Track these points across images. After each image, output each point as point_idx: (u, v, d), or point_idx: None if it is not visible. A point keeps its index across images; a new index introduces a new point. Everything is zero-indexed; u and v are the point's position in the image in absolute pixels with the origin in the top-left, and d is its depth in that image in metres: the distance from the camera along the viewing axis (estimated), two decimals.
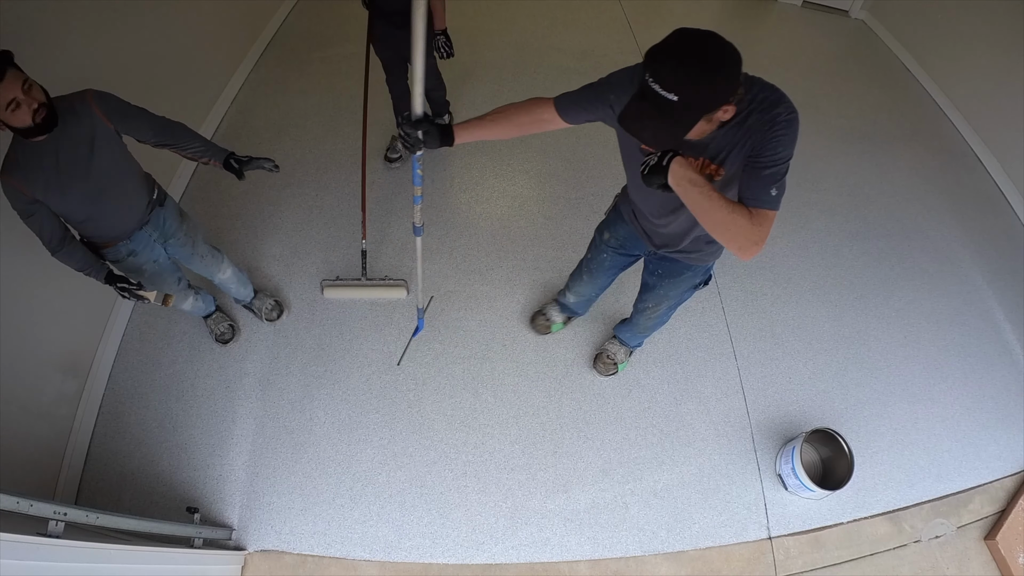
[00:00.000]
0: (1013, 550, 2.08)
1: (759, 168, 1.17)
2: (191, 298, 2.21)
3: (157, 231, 1.89)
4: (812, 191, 3.19)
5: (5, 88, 1.37)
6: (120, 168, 1.71)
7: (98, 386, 2.36)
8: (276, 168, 1.91)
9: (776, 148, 1.16)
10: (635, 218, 1.74)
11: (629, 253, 1.90)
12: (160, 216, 1.88)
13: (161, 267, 1.97)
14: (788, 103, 1.18)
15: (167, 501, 2.13)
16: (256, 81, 3.51)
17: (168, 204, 1.93)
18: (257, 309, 2.52)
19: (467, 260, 2.79)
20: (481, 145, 3.25)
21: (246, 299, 2.48)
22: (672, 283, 1.83)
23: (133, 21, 2.55)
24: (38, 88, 1.45)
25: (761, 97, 1.17)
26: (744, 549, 2.11)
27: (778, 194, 1.19)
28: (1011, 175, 3.31)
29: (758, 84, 1.20)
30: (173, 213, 1.94)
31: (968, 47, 3.63)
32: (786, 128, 1.16)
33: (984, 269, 2.93)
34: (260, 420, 2.32)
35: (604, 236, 1.92)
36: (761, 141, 1.17)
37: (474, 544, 2.09)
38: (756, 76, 1.21)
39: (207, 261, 2.12)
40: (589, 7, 4.31)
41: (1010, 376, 2.54)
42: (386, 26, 2.49)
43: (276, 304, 2.55)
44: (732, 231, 1.18)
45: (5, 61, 1.39)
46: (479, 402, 2.38)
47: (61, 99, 1.54)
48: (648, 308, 2.01)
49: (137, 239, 1.83)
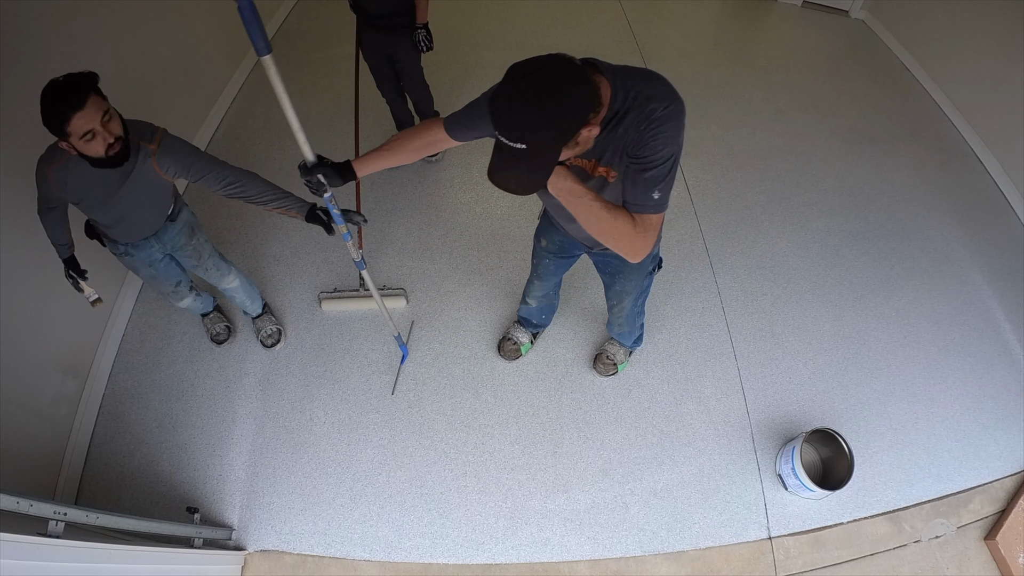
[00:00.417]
0: (1013, 550, 2.07)
1: (639, 171, 1.10)
2: (187, 299, 2.20)
3: (159, 243, 1.88)
4: (812, 191, 3.19)
5: (84, 117, 1.30)
6: (149, 199, 1.69)
7: (98, 386, 2.36)
8: (366, 221, 1.78)
9: (655, 148, 1.08)
10: (561, 223, 1.69)
11: (569, 255, 1.90)
12: (168, 231, 1.86)
13: (157, 271, 1.96)
14: (665, 94, 1.09)
15: (167, 501, 2.13)
16: (256, 81, 3.51)
17: (180, 219, 1.88)
18: (258, 329, 2.47)
19: (467, 260, 2.79)
20: (481, 145, 3.23)
21: (253, 313, 2.44)
22: (624, 278, 1.82)
23: (133, 21, 2.55)
24: (117, 120, 1.38)
25: (635, 92, 1.09)
26: (744, 549, 2.11)
27: (662, 196, 1.11)
28: (1011, 175, 3.31)
29: (633, 76, 1.11)
30: (184, 229, 1.91)
31: (968, 47, 3.63)
32: (662, 124, 1.07)
33: (984, 269, 2.93)
34: (260, 420, 2.32)
35: (542, 243, 1.90)
36: (638, 141, 1.09)
37: (474, 544, 2.09)
38: (630, 67, 1.13)
39: (211, 273, 2.10)
40: (589, 7, 4.31)
41: (1010, 376, 2.54)
42: (371, 31, 2.53)
43: (277, 331, 2.47)
44: (616, 239, 1.14)
45: (88, 86, 1.30)
46: (479, 402, 2.38)
47: (132, 125, 1.47)
48: (615, 305, 2.02)
49: (138, 244, 1.84)
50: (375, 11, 2.45)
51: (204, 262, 2.03)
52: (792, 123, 3.56)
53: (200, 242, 1.98)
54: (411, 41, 2.54)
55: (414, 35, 2.52)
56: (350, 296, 2.59)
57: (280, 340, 2.48)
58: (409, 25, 2.50)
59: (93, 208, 1.62)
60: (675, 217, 3.00)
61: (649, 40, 4.05)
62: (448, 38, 3.87)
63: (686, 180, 3.16)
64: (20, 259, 1.97)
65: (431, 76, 2.83)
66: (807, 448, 2.24)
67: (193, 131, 3.11)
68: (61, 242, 1.76)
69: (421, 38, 2.53)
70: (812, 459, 2.27)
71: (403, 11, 2.46)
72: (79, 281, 1.81)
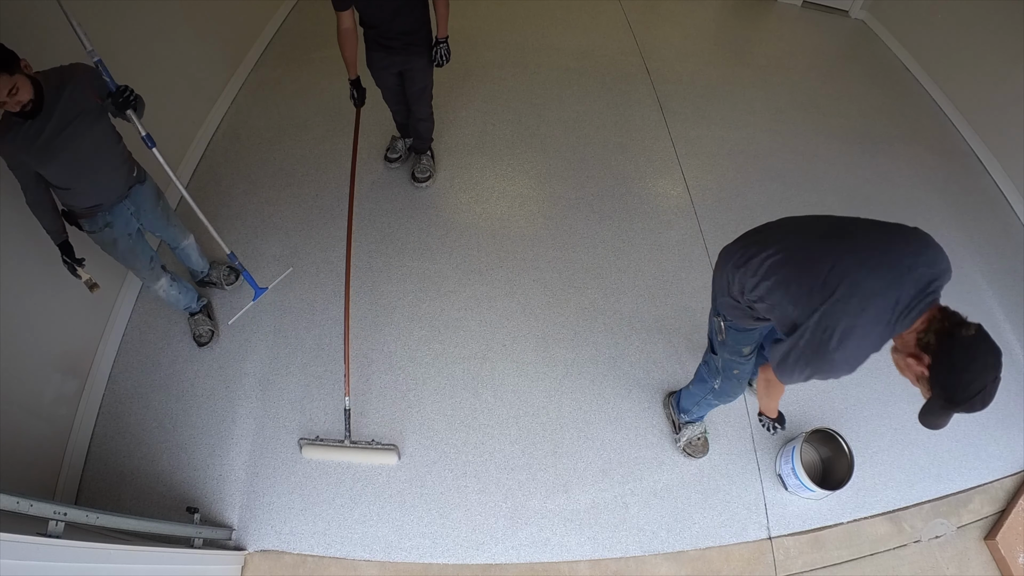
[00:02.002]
0: (1013, 550, 2.08)
1: None
2: (164, 280, 2.25)
3: (135, 206, 2.02)
4: (812, 191, 3.19)
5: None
6: (104, 143, 1.82)
7: (98, 386, 2.36)
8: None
9: None
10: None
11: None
12: (139, 193, 2.02)
13: (135, 242, 2.07)
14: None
15: (167, 501, 2.13)
16: (256, 81, 3.51)
17: (148, 183, 2.06)
18: (216, 280, 2.62)
19: (467, 260, 2.79)
20: (481, 145, 3.25)
21: (204, 269, 2.56)
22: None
23: (134, 21, 2.55)
24: (27, 87, 1.52)
25: None
26: (744, 549, 2.11)
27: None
28: (1011, 175, 3.31)
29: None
30: (153, 190, 2.09)
31: (968, 47, 3.63)
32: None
33: (984, 269, 2.93)
34: (260, 420, 2.32)
35: (743, 352, 1.76)
36: None
37: (474, 544, 2.09)
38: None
39: (175, 231, 2.29)
40: (589, 7, 4.32)
41: (1010, 376, 2.52)
42: (380, 51, 2.42)
43: (231, 269, 2.66)
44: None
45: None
46: (479, 402, 2.38)
47: (52, 73, 1.63)
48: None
49: (116, 211, 1.95)
50: (393, 30, 2.32)
51: (171, 220, 2.24)
52: (792, 123, 3.56)
53: (165, 204, 2.19)
54: (427, 58, 2.45)
55: (434, 50, 2.43)
56: (335, 446, 2.19)
57: (238, 277, 2.66)
58: (425, 42, 2.41)
59: (55, 167, 1.70)
60: (675, 217, 3.00)
61: (649, 40, 4.05)
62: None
63: (686, 180, 3.16)
64: (20, 259, 1.97)
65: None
66: (807, 448, 2.24)
67: (193, 131, 3.11)
68: (52, 228, 1.86)
69: (442, 53, 2.44)
70: (812, 459, 2.27)
71: (419, 27, 2.36)
72: (75, 267, 1.91)
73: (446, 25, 2.40)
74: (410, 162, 3.11)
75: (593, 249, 2.85)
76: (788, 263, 1.36)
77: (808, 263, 1.30)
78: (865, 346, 1.22)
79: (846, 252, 1.26)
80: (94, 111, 1.72)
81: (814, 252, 1.31)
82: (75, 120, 1.67)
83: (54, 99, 1.62)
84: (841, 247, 1.28)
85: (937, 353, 1.14)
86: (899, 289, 1.18)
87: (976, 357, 1.12)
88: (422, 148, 3.03)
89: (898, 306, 1.18)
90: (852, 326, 1.20)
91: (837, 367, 1.25)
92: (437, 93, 2.96)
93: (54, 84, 1.63)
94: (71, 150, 1.69)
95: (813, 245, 1.34)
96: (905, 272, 1.20)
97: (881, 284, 1.19)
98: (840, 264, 1.24)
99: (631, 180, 3.13)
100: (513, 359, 2.50)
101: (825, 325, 1.23)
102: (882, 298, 1.18)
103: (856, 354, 1.23)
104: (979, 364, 1.12)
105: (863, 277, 1.21)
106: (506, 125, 3.37)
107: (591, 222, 2.95)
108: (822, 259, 1.27)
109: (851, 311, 1.20)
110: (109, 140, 1.84)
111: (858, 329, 1.20)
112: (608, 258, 2.82)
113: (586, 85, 3.67)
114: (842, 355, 1.23)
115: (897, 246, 1.26)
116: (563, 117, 3.44)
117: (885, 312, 1.19)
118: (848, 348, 1.22)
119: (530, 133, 3.34)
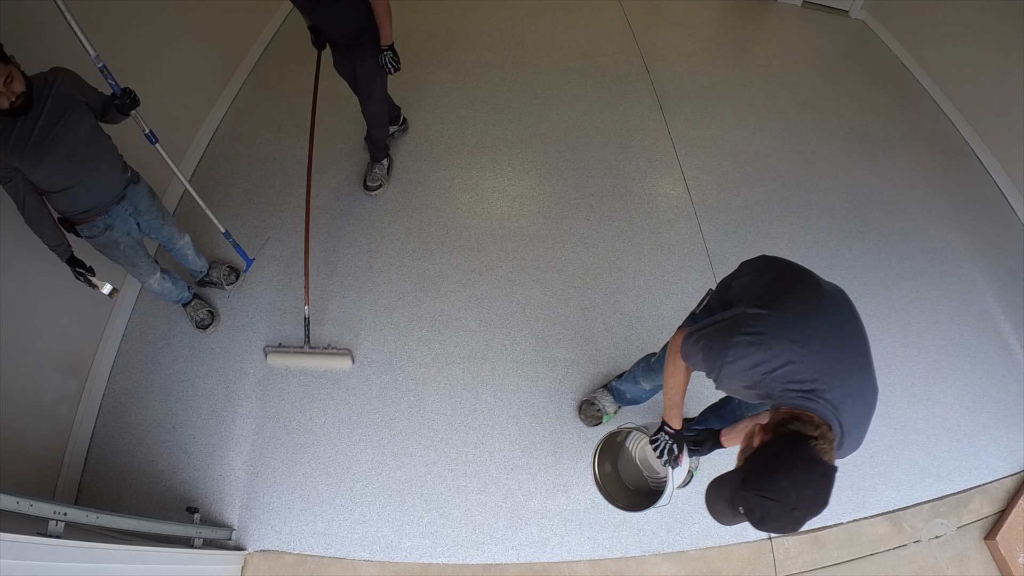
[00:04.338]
0: (1013, 550, 2.08)
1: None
2: (157, 274, 2.25)
3: (132, 206, 2.03)
4: (812, 191, 3.19)
5: None
6: (95, 138, 1.82)
7: (98, 386, 2.36)
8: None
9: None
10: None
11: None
12: (135, 192, 2.03)
13: (135, 241, 2.08)
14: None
15: (167, 501, 2.13)
16: (256, 81, 3.51)
17: (142, 183, 2.07)
18: (217, 280, 2.61)
19: (467, 260, 2.79)
20: (481, 145, 3.25)
21: (203, 269, 2.56)
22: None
23: (133, 21, 2.55)
24: (19, 79, 1.54)
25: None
26: (744, 549, 2.11)
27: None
28: (1011, 175, 3.31)
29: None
30: (147, 191, 2.10)
31: (968, 47, 3.63)
32: None
33: (984, 269, 2.93)
34: (260, 420, 2.32)
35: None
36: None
37: (474, 544, 2.09)
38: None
39: (171, 232, 2.29)
40: (589, 7, 4.31)
41: (1010, 376, 2.54)
42: (333, 47, 2.51)
43: (231, 269, 2.67)
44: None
45: None
46: (479, 402, 2.38)
47: (36, 75, 1.65)
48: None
49: (114, 213, 1.95)
50: (331, 36, 2.42)
51: (167, 221, 2.24)
52: (792, 123, 3.56)
53: (159, 204, 2.19)
54: (374, 61, 2.45)
55: (380, 56, 2.43)
56: (294, 352, 2.45)
57: (239, 276, 2.67)
58: (371, 44, 2.41)
59: (46, 168, 1.70)
60: (675, 217, 3.00)
61: (649, 40, 4.05)
62: (448, 38, 3.87)
63: (686, 180, 3.16)
64: (20, 260, 1.97)
65: (432, 75, 2.83)
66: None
67: (193, 131, 3.11)
68: (55, 243, 1.84)
69: (387, 60, 2.44)
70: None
71: (359, 32, 2.36)
72: (89, 278, 1.91)
73: (389, 32, 2.38)
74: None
75: (593, 249, 2.85)
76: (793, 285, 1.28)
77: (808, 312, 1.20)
78: (751, 373, 1.15)
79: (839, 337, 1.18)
80: (80, 107, 1.75)
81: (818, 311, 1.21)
82: (65, 114, 1.70)
83: (42, 95, 1.65)
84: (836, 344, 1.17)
85: (776, 441, 1.09)
86: (828, 377, 1.11)
87: (802, 471, 1.09)
88: (375, 156, 3.01)
89: (801, 383, 1.11)
90: (769, 349, 1.13)
91: (716, 360, 1.19)
92: (436, 94, 2.97)
93: (40, 83, 1.66)
94: (64, 144, 1.70)
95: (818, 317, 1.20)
96: (847, 379, 1.13)
97: (825, 365, 1.12)
98: (822, 328, 1.16)
99: (631, 180, 3.13)
100: (513, 359, 2.50)
101: (755, 326, 1.16)
102: (813, 367, 1.11)
103: (742, 370, 1.16)
104: (800, 479, 1.08)
105: (823, 345, 1.13)
106: (506, 125, 3.37)
107: (591, 222, 2.95)
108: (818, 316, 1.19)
109: (785, 342, 1.13)
110: (99, 136, 1.85)
111: (770, 359, 1.12)
112: (608, 258, 2.82)
113: (586, 85, 3.67)
114: (735, 360, 1.16)
115: (869, 371, 1.19)
116: (563, 117, 3.44)
117: (798, 372, 1.11)
118: (746, 360, 1.15)
119: (530, 133, 3.34)
